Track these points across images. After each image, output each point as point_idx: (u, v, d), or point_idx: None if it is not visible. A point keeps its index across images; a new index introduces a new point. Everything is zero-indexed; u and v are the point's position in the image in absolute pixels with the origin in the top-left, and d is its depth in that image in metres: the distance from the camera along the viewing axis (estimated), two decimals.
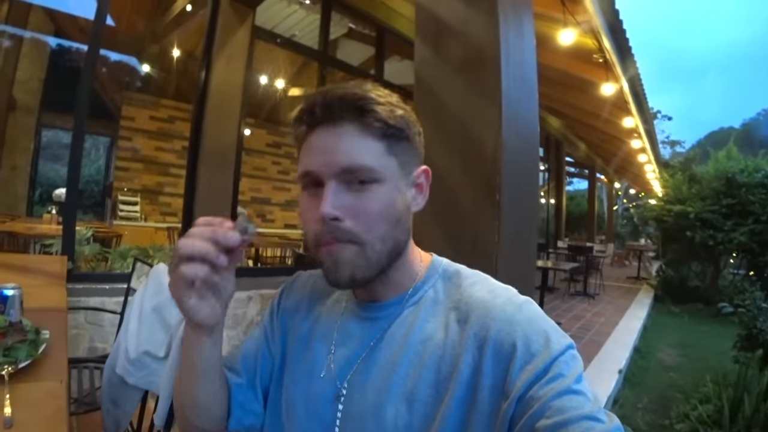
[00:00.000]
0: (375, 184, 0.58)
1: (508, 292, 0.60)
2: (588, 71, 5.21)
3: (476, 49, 1.47)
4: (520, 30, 1.54)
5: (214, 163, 3.61)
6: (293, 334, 0.72)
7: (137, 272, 2.00)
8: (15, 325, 1.09)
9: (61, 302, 1.65)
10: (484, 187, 1.40)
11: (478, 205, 1.41)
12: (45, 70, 7.24)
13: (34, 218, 6.62)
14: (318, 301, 0.74)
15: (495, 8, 1.40)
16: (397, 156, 0.60)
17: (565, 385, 0.48)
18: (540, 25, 4.08)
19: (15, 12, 6.17)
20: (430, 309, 0.63)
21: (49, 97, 7.46)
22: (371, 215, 0.58)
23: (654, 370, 4.32)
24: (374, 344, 0.63)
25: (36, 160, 8.32)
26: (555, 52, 4.58)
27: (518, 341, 0.52)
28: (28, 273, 2.23)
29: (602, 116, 7.01)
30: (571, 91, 6.42)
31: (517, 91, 1.48)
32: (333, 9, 4.68)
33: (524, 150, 1.53)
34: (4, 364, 0.92)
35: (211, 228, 0.53)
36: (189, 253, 0.51)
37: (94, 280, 3.13)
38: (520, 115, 1.51)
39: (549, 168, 10.71)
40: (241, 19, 3.67)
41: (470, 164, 1.46)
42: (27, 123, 7.13)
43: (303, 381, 0.66)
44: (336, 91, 0.59)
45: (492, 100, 1.41)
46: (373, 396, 0.59)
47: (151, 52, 7.82)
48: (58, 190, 5.71)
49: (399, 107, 0.62)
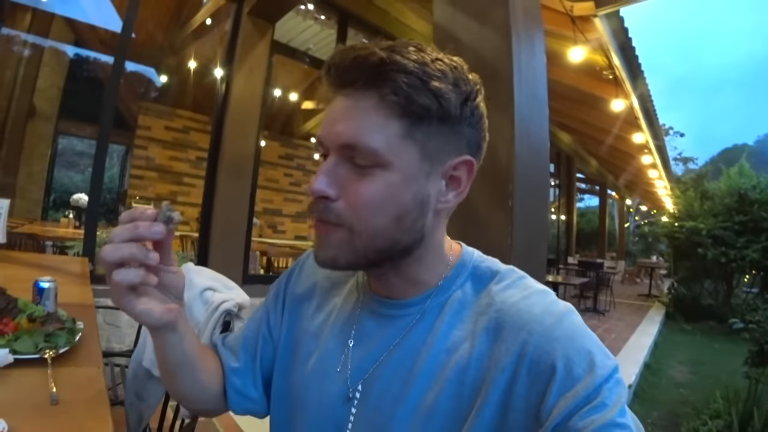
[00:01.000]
0: (379, 169, 0.50)
1: (545, 299, 0.52)
2: (598, 87, 5.28)
3: (490, 66, 1.55)
4: (531, 48, 1.62)
5: (232, 173, 3.72)
6: (304, 323, 0.67)
7: None
8: (52, 315, 1.16)
9: (88, 299, 1.71)
10: (497, 194, 1.48)
11: (492, 211, 1.48)
12: (64, 78, 7.46)
13: (49, 222, 6.81)
14: (333, 288, 0.68)
15: (508, 28, 1.49)
16: (420, 140, 0.50)
17: (608, 418, 0.42)
18: (551, 42, 4.17)
19: (38, 21, 6.37)
20: (456, 313, 0.55)
21: (66, 105, 7.66)
22: (364, 202, 0.50)
23: (665, 387, 4.29)
24: (393, 348, 0.57)
25: (52, 166, 8.48)
26: (565, 69, 4.66)
27: (558, 362, 0.45)
28: (54, 271, 2.32)
29: (613, 132, 7.06)
30: (582, 106, 6.49)
31: (529, 106, 1.56)
32: (348, 24, 4.82)
33: (536, 161, 1.60)
34: (46, 349, 0.99)
35: (132, 225, 0.48)
36: (117, 259, 0.47)
37: None
38: (531, 128, 1.59)
39: (560, 184, 10.71)
40: (261, 34, 3.81)
41: (484, 173, 1.52)
42: (45, 130, 7.34)
43: (317, 377, 0.61)
44: (356, 51, 0.49)
45: (505, 114, 1.49)
46: (388, 406, 0.54)
47: (168, 64, 8.00)
48: (76, 196, 5.85)
49: (443, 75, 0.49)
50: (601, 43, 3.95)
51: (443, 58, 0.51)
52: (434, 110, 0.49)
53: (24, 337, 1.01)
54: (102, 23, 7.10)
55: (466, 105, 0.51)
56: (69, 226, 5.13)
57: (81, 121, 8.84)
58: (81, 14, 7.05)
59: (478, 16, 1.60)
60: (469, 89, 0.52)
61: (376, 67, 0.48)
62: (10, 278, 1.34)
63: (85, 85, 8.39)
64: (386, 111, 0.49)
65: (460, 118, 0.51)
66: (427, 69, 0.48)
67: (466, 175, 0.55)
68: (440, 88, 0.48)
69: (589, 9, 3.49)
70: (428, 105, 0.48)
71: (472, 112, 0.52)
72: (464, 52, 1.65)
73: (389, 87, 0.48)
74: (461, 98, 0.51)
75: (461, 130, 0.52)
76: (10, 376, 0.89)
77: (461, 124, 0.52)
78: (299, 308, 0.69)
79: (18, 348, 0.97)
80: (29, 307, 1.16)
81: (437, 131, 0.51)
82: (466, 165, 0.54)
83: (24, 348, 0.98)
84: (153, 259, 0.48)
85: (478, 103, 0.53)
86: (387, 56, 0.48)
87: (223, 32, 5.37)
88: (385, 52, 0.48)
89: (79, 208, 5.49)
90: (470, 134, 0.53)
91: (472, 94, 0.52)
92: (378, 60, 0.48)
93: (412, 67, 0.48)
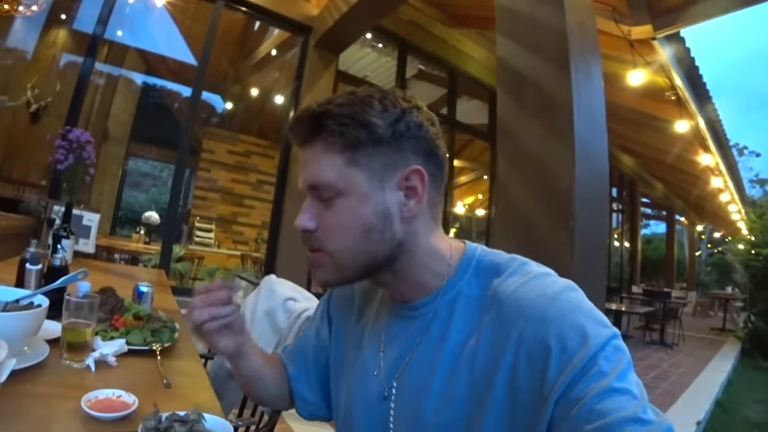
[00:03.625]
0: (338, 197, 0.59)
1: (543, 281, 0.57)
2: (661, 109, 5.12)
3: (550, 96, 1.65)
4: (589, 77, 1.69)
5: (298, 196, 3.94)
6: (348, 334, 0.76)
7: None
8: (153, 315, 1.33)
9: (173, 305, 1.91)
10: (558, 215, 1.54)
11: (554, 231, 1.54)
12: (135, 105, 8.21)
13: (118, 237, 7.43)
14: (367, 300, 0.76)
15: (567, 61, 1.57)
16: (363, 164, 0.59)
17: (606, 384, 0.46)
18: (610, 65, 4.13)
19: (114, 53, 7.08)
20: (465, 308, 0.61)
21: (135, 129, 8.36)
22: (335, 228, 0.60)
23: (738, 426, 3.96)
24: (416, 346, 0.63)
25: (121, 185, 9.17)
26: (626, 91, 4.57)
27: (551, 340, 0.50)
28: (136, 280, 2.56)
29: (678, 154, 6.74)
30: (644, 128, 6.28)
31: (588, 132, 1.62)
32: (408, 53, 5.00)
33: (595, 183, 1.64)
34: (154, 342, 1.15)
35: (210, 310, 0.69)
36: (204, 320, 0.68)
37: (187, 293, 3.49)
38: (590, 152, 1.63)
39: (623, 209, 10.25)
40: (326, 65, 4.07)
41: (546, 196, 1.61)
42: (117, 152, 8.08)
43: (360, 381, 0.69)
44: (301, 113, 0.62)
45: (565, 141, 1.57)
46: (417, 397, 0.60)
47: (232, 91, 8.55)
48: (147, 213, 6.40)
49: (369, 107, 0.59)
50: (662, 65, 3.87)
51: (373, 93, 0.61)
52: (365, 137, 0.58)
53: (135, 332, 1.17)
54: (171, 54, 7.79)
55: (399, 123, 0.59)
56: (140, 241, 5.63)
57: (147, 144, 9.60)
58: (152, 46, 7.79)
59: (538, 50, 1.69)
60: (399, 110, 0.60)
61: (313, 121, 0.60)
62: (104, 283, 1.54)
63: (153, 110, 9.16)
64: (330, 150, 0.59)
65: (394, 136, 0.59)
66: (355, 108, 0.59)
67: (420, 183, 0.60)
68: (366, 119, 0.58)
69: (647, 32, 3.45)
70: (359, 135, 0.58)
71: (408, 127, 0.60)
72: (526, 84, 1.74)
73: (327, 131, 0.59)
74: (392, 119, 0.59)
75: (400, 145, 0.60)
76: (126, 362, 1.05)
77: (398, 140, 0.59)
78: (343, 320, 0.79)
79: (131, 340, 1.13)
80: (134, 307, 1.34)
81: (376, 152, 0.59)
82: (416, 174, 0.60)
83: (136, 340, 1.14)
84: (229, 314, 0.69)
85: (412, 117, 0.60)
86: (318, 109, 0.59)
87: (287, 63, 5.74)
88: (319, 107, 0.60)
89: (149, 225, 6.00)
90: (412, 146, 0.60)
91: (404, 111, 0.60)
92: (312, 116, 0.60)
93: (340, 110, 0.58)
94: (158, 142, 9.60)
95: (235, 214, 9.24)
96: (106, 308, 1.26)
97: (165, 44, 7.63)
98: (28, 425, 0.72)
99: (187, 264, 4.35)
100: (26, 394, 0.81)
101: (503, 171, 1.73)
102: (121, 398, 0.83)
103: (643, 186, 10.72)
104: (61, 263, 1.37)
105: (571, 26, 1.60)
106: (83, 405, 0.77)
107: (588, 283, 1.59)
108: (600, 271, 1.70)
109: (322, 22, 3.97)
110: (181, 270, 4.13)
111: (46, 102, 4.61)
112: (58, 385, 0.88)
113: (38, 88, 4.51)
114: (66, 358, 0.98)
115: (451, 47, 5.19)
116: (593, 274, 1.63)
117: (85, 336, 0.99)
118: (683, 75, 4.01)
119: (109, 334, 1.14)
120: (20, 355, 0.91)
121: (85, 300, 1.01)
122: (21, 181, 5.46)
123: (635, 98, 4.96)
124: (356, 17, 3.58)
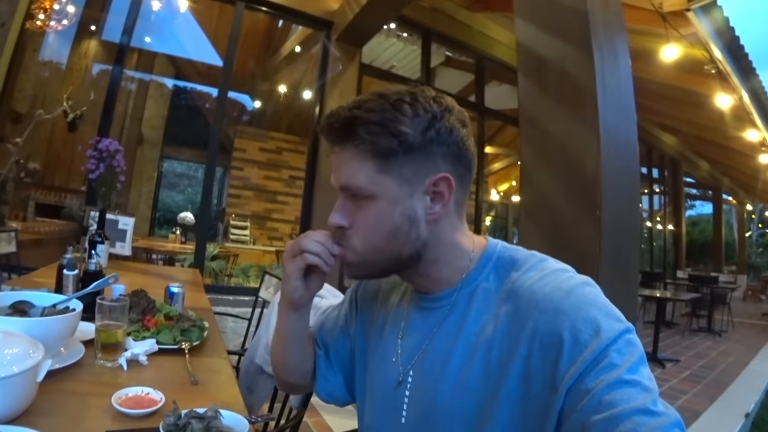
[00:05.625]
0: (367, 200, 0.62)
1: (559, 277, 0.59)
2: (700, 83, 4.84)
3: (574, 81, 1.58)
4: (615, 60, 1.61)
5: (328, 190, 3.99)
6: (372, 323, 0.78)
7: (265, 284, 2.31)
8: (184, 315, 1.38)
9: (205, 304, 1.97)
10: (585, 204, 1.49)
11: (581, 221, 1.49)
12: (166, 108, 8.45)
13: (156, 237, 7.68)
14: (392, 290, 0.79)
15: (590, 44, 1.51)
16: (393, 172, 0.61)
17: (616, 376, 0.47)
18: (642, 40, 3.93)
19: (144, 60, 7.33)
20: (483, 300, 0.63)
21: (168, 131, 8.60)
22: (364, 228, 0.63)
23: None
24: (433, 335, 0.66)
25: (158, 187, 9.42)
26: (660, 67, 4.35)
27: (565, 332, 0.51)
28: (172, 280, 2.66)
29: (723, 130, 6.37)
30: (684, 105, 5.97)
31: (615, 116, 1.55)
32: (432, 40, 4.93)
33: (623, 170, 1.57)
34: (182, 341, 1.19)
35: (323, 236, 0.68)
36: (312, 249, 0.67)
37: (222, 291, 3.60)
38: (618, 138, 1.57)
39: (665, 190, 9.82)
40: (350, 58, 4.07)
41: (572, 184, 1.55)
42: (152, 155, 8.35)
43: (379, 366, 0.73)
44: (331, 117, 0.63)
45: (590, 127, 1.51)
46: (431, 383, 0.63)
47: (260, 90, 8.64)
48: (182, 214, 6.58)
49: (401, 114, 0.60)
50: (699, 37, 3.65)
51: (403, 96, 0.61)
52: (397, 147, 0.59)
53: (165, 331, 1.22)
54: (199, 57, 7.92)
55: (430, 130, 0.60)
56: (176, 241, 5.81)
57: (181, 146, 9.86)
58: (180, 51, 7.94)
59: (559, 33, 1.62)
60: (431, 115, 0.60)
61: (344, 128, 0.61)
62: (139, 284, 1.60)
63: (184, 113, 9.38)
64: (361, 156, 0.61)
65: (425, 143, 0.60)
66: (386, 114, 0.59)
67: (446, 189, 0.62)
68: (397, 129, 0.59)
69: (681, 3, 3.26)
70: (390, 145, 0.59)
71: (438, 133, 0.61)
72: (548, 68, 1.68)
73: (358, 139, 0.60)
74: (423, 126, 0.60)
75: (431, 152, 0.61)
76: (156, 361, 1.10)
77: (429, 147, 0.61)
78: (368, 309, 0.81)
79: (161, 339, 1.18)
80: (165, 308, 1.39)
81: (407, 161, 0.60)
82: (444, 181, 0.62)
83: (166, 340, 1.19)
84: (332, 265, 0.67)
85: (444, 122, 0.61)
86: (349, 115, 0.60)
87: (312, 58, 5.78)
88: (349, 112, 0.60)
89: (184, 225, 6.19)
90: (442, 152, 0.62)
91: (435, 117, 0.61)
92: (341, 122, 0.61)
93: (370, 117, 0.59)
94: (191, 143, 9.85)
95: (269, 211, 9.36)
96: (138, 309, 1.31)
97: (192, 48, 7.80)
98: (63, 420, 0.76)
99: (222, 262, 4.47)
100: (63, 392, 0.86)
101: (527, 160, 1.68)
102: (150, 395, 0.87)
103: (687, 165, 10.23)
104: (95, 268, 1.43)
105: (593, 4, 1.53)
106: (114, 402, 0.82)
107: (619, 273, 1.53)
108: (632, 261, 1.63)
109: (342, 15, 3.96)
110: (215, 268, 4.26)
111: (81, 111, 4.83)
112: (92, 383, 0.93)
113: (73, 98, 4.73)
114: (100, 357, 1.03)
115: (477, 32, 5.08)
116: (625, 264, 1.57)
117: (117, 337, 1.04)
118: (723, 47, 3.77)
119: (141, 334, 1.20)
120: (57, 356, 0.96)
121: (116, 303, 1.05)
122: (62, 187, 5.78)
123: (672, 74, 4.71)
124: (376, 9, 3.55)
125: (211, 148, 3.81)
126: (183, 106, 9.54)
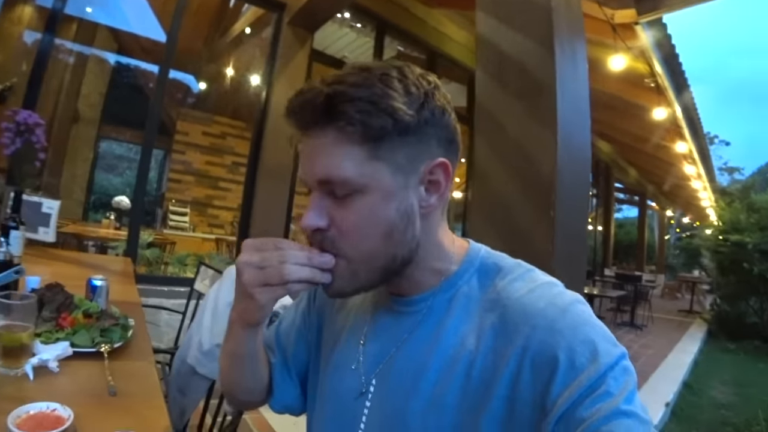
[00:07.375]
0: (357, 194, 0.52)
1: (551, 291, 0.53)
2: (639, 95, 5.14)
3: (534, 78, 1.56)
4: (574, 60, 1.61)
5: (270, 179, 3.83)
6: (329, 325, 0.70)
7: (201, 275, 2.15)
8: (106, 312, 1.23)
9: (134, 297, 1.80)
10: (540, 204, 1.47)
11: (535, 221, 1.48)
12: (106, 85, 7.81)
13: (90, 222, 7.12)
14: None
15: (551, 40, 1.49)
16: (386, 158, 0.51)
17: (613, 406, 0.43)
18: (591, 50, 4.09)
19: (83, 31, 6.67)
20: (463, 308, 0.56)
21: (107, 110, 7.99)
22: (353, 230, 0.52)
23: (705, 407, 4.09)
24: (404, 341, 0.58)
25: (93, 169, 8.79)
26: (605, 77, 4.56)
27: (560, 353, 0.46)
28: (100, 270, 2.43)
29: (653, 141, 6.83)
30: (621, 115, 6.32)
31: (572, 117, 1.55)
32: (386, 33, 4.87)
33: (577, 172, 1.59)
34: (102, 343, 1.05)
35: (304, 254, 0.53)
36: (299, 277, 0.52)
37: (155, 282, 3.35)
38: (573, 139, 1.57)
39: (598, 194, 10.42)
40: (301, 43, 3.91)
41: (527, 183, 1.54)
42: (88, 134, 7.68)
43: (336, 374, 0.64)
44: (304, 95, 0.52)
45: (548, 125, 1.49)
46: (401, 398, 0.55)
47: (207, 71, 8.24)
48: (117, 198, 6.11)
49: (392, 90, 0.50)
50: (643, 50, 3.84)
51: (389, 71, 0.52)
52: (391, 127, 0.50)
53: (81, 332, 1.07)
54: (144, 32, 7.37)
55: (424, 108, 0.52)
56: (110, 227, 5.38)
57: (120, 126, 9.21)
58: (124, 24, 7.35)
59: (521, 28, 1.60)
60: (423, 91, 0.52)
61: (325, 105, 0.49)
62: (61, 275, 1.42)
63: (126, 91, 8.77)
64: (347, 141, 0.50)
65: (420, 124, 0.52)
66: (375, 89, 0.49)
67: (443, 177, 0.55)
68: (391, 105, 0.49)
69: (631, 16, 3.41)
70: (384, 124, 0.49)
71: (432, 113, 0.53)
72: (507, 63, 1.66)
73: (343, 119, 0.49)
74: (417, 104, 0.51)
75: (425, 134, 0.53)
76: (70, 367, 0.95)
77: (423, 128, 0.52)
78: (326, 309, 0.72)
79: (76, 341, 1.03)
80: (84, 304, 1.23)
81: (401, 144, 0.51)
82: (441, 167, 0.54)
83: (82, 342, 1.04)
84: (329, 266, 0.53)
85: (436, 101, 0.53)
86: (331, 91, 0.49)
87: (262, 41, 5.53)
88: (330, 87, 0.49)
89: (119, 209, 5.75)
90: (436, 133, 0.54)
91: (428, 95, 0.52)
92: (324, 98, 0.49)
93: (357, 93, 0.49)
94: (132, 123, 9.20)
95: (210, 197, 9.04)
96: (52, 306, 1.15)
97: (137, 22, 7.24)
98: None
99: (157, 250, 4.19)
100: None
101: (481, 154, 1.65)
102: (56, 412, 0.73)
103: (618, 171, 10.91)
104: (4, 258, 1.24)
105: (557, 3, 1.52)
106: (10, 423, 0.68)
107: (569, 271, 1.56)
108: (580, 259, 1.67)
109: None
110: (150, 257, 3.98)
111: (11, 82, 4.30)
112: None
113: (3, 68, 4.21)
114: (1, 365, 0.88)
115: (431, 28, 5.07)
116: (574, 262, 1.60)
117: (22, 340, 0.89)
118: (662, 61, 4.00)
119: (54, 335, 1.04)
120: None
121: (21, 301, 0.90)
122: None
123: (614, 84, 4.96)
124: None
125: (149, 127, 3.53)
126: (124, 84, 8.89)
